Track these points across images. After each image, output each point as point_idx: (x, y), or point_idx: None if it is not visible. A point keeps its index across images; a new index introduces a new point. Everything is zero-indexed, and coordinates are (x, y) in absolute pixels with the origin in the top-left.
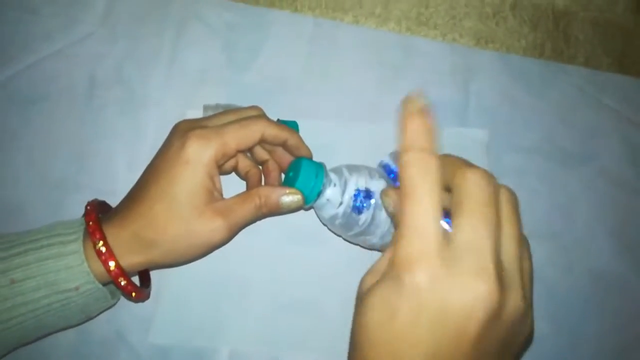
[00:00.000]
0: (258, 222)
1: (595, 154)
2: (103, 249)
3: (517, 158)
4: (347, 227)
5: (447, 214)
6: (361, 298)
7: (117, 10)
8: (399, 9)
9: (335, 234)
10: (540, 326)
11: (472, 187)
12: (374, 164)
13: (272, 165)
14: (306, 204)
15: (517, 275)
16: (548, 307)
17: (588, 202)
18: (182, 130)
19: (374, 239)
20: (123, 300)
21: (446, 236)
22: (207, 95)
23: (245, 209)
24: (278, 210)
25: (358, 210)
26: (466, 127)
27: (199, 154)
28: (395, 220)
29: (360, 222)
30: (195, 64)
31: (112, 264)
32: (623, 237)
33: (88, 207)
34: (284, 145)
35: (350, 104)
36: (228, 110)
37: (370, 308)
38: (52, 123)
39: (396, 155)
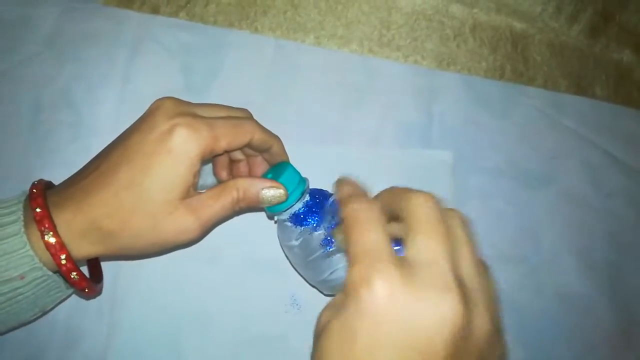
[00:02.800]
0: (219, 251)
1: (557, 175)
2: (52, 240)
3: (482, 180)
4: (308, 250)
5: (398, 242)
6: (319, 333)
7: (66, 30)
8: (361, 31)
9: (285, 255)
10: (513, 352)
11: (420, 208)
12: None
13: (243, 167)
14: (277, 209)
15: (479, 295)
16: (520, 332)
17: (553, 224)
18: (169, 113)
19: (334, 271)
20: (73, 340)
21: (400, 258)
22: None
23: (221, 205)
24: (256, 205)
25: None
26: (430, 149)
27: (187, 145)
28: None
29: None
30: (150, 87)
31: (63, 257)
32: (588, 258)
33: (34, 190)
34: (267, 151)
35: (313, 127)
36: (215, 104)
37: (329, 338)
38: None
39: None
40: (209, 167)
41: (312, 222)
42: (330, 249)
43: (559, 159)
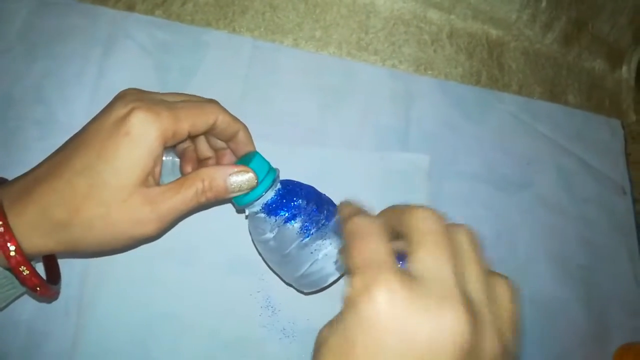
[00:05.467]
0: (192, 251)
1: (532, 180)
2: (1, 230)
3: (458, 184)
4: (285, 242)
5: (401, 258)
6: (317, 349)
7: (37, 25)
8: (339, 34)
9: (259, 253)
10: None
11: (422, 221)
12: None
13: (211, 164)
14: (247, 200)
15: (489, 313)
16: None
17: (528, 228)
18: (128, 99)
19: (315, 262)
20: (37, 343)
21: (403, 270)
22: None
23: (182, 197)
24: (225, 195)
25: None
26: (408, 152)
27: (145, 127)
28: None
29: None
30: (124, 85)
31: (12, 248)
32: (562, 263)
33: None
34: (233, 139)
35: (290, 128)
36: (180, 93)
37: (327, 351)
38: None
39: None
40: (173, 166)
41: (287, 210)
42: (308, 237)
43: (533, 164)
